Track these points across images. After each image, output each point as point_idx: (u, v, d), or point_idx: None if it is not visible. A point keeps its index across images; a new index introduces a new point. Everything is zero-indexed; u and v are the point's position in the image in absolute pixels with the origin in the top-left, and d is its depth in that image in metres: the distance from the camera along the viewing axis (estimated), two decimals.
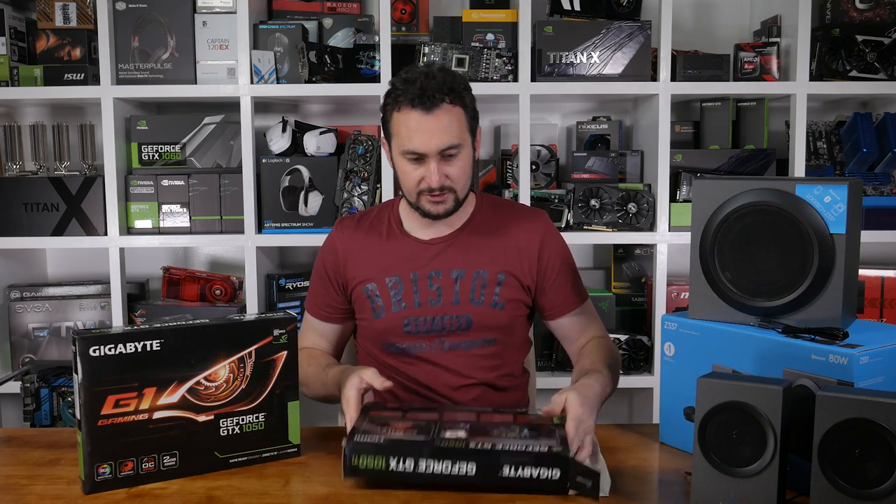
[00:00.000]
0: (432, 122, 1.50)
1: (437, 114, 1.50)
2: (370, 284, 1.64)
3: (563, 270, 1.68)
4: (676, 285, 2.55)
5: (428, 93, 1.49)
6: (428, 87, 1.50)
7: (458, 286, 1.62)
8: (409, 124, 1.51)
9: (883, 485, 1.00)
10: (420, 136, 1.51)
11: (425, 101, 1.49)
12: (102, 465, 1.22)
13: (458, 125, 1.53)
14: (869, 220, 2.43)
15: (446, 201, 1.56)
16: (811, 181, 1.26)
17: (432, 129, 1.51)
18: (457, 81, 1.54)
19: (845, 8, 2.49)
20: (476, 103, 1.59)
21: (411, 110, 1.51)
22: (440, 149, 1.51)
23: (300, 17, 2.58)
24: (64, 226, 2.48)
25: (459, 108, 1.53)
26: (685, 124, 2.65)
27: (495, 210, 1.71)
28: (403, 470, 1.20)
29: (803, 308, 1.28)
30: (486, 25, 2.50)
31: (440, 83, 1.50)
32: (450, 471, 1.19)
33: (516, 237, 1.66)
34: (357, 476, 1.22)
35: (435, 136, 1.51)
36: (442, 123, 1.51)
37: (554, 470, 1.19)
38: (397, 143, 1.55)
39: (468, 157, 1.57)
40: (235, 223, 2.49)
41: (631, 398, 2.80)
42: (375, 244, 1.67)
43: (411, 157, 1.53)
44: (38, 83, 2.43)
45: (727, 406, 1.10)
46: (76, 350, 1.19)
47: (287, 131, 2.49)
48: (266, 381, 1.32)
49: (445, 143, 1.51)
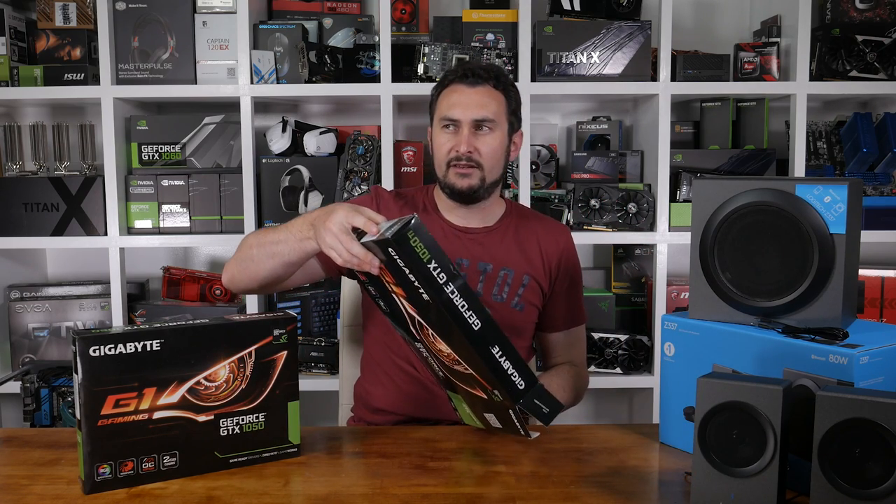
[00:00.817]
0: (472, 95, 1.60)
1: (479, 89, 1.60)
2: None
3: (571, 289, 1.72)
4: (676, 285, 2.55)
5: (476, 71, 1.61)
6: (477, 68, 1.62)
7: (483, 279, 1.64)
8: (452, 96, 1.61)
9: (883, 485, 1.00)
10: (459, 104, 1.60)
11: (470, 76, 1.61)
12: (102, 465, 1.22)
13: (497, 106, 1.61)
14: (869, 220, 2.43)
15: (472, 176, 1.60)
16: (811, 181, 1.26)
17: (471, 100, 1.60)
18: (504, 74, 1.65)
19: (845, 8, 2.49)
20: (521, 112, 1.68)
21: (457, 84, 1.61)
22: (474, 118, 1.59)
23: (300, 17, 2.58)
24: (64, 226, 2.48)
25: (501, 95, 1.62)
26: (685, 124, 2.65)
27: (523, 216, 1.75)
28: (436, 277, 1.19)
29: (803, 308, 1.28)
30: (486, 25, 2.50)
31: (488, 68, 1.62)
32: (465, 308, 1.21)
33: (540, 244, 1.70)
34: (399, 246, 1.17)
35: (472, 107, 1.59)
36: (481, 98, 1.60)
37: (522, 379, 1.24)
38: (438, 115, 1.63)
39: (501, 140, 1.62)
40: (235, 223, 2.49)
41: (631, 398, 2.80)
42: None
43: (446, 125, 1.61)
44: (38, 83, 2.43)
45: (727, 406, 1.10)
46: (76, 350, 1.19)
47: (287, 131, 2.49)
48: (266, 381, 1.32)
49: (480, 115, 1.59)
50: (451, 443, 1.41)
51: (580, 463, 1.32)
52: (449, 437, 1.43)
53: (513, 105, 1.65)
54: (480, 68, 1.62)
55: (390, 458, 1.34)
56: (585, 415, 2.84)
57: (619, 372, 2.51)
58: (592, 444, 1.41)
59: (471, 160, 1.59)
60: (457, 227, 1.67)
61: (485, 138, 1.60)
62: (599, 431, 1.49)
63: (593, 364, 2.50)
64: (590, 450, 1.38)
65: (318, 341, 2.51)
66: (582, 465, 1.31)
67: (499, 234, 1.68)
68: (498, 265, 1.65)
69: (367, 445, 1.44)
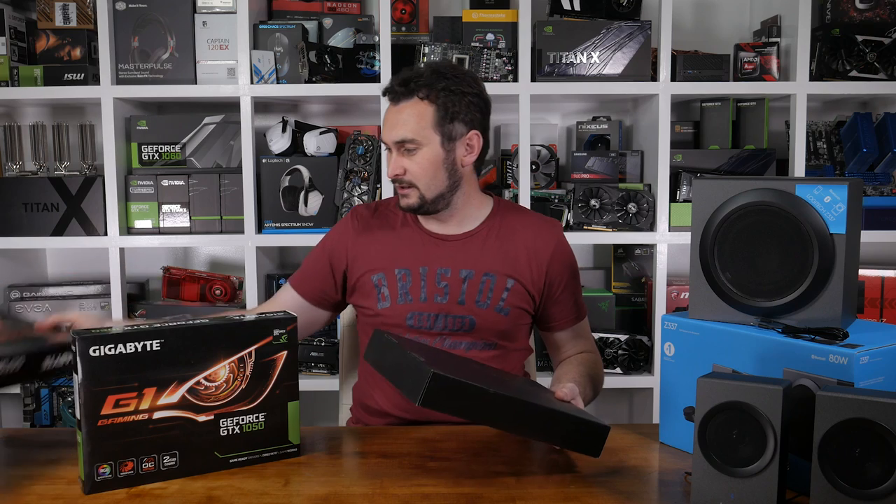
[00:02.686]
0: (394, 115, 1.57)
1: (401, 107, 1.57)
2: (378, 274, 1.64)
3: (569, 285, 1.69)
4: (676, 285, 2.55)
5: (398, 86, 1.56)
6: (408, 79, 1.55)
7: (466, 286, 1.62)
8: (385, 113, 1.61)
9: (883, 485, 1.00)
10: (385, 125, 1.59)
11: (393, 92, 1.57)
12: (102, 465, 1.22)
13: (417, 122, 1.55)
14: (869, 220, 2.43)
15: (409, 196, 1.60)
16: (811, 181, 1.26)
17: (393, 120, 1.57)
18: (442, 81, 1.55)
19: (845, 8, 2.49)
20: (474, 111, 1.59)
21: (386, 100, 1.61)
22: (395, 140, 1.57)
23: (300, 17, 2.58)
24: (64, 226, 2.48)
25: (428, 106, 1.55)
26: (685, 124, 2.65)
27: (511, 216, 1.70)
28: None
29: (803, 308, 1.28)
30: (486, 25, 2.50)
31: (415, 77, 1.55)
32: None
33: (528, 245, 1.66)
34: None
35: (394, 127, 1.57)
36: (402, 116, 1.56)
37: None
38: None
39: (431, 156, 1.57)
40: (235, 223, 2.49)
41: (631, 398, 2.80)
42: (389, 234, 1.68)
43: (385, 148, 1.62)
44: (38, 83, 2.43)
45: (727, 406, 1.10)
46: (76, 350, 1.19)
47: (287, 131, 2.49)
48: (266, 381, 1.32)
49: (399, 136, 1.56)
50: (451, 443, 1.41)
51: (580, 463, 1.32)
52: (449, 437, 1.43)
53: (447, 112, 1.56)
54: (404, 80, 1.55)
55: (390, 458, 1.34)
56: None
57: (619, 372, 2.51)
58: None
59: (402, 181, 1.58)
60: (436, 236, 1.66)
61: (412, 158, 1.57)
62: None
63: None
64: None
65: (318, 341, 2.51)
66: (582, 465, 1.31)
67: (480, 239, 1.65)
68: (480, 271, 1.62)
69: (367, 445, 1.44)
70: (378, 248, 1.67)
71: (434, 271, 1.62)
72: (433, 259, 1.63)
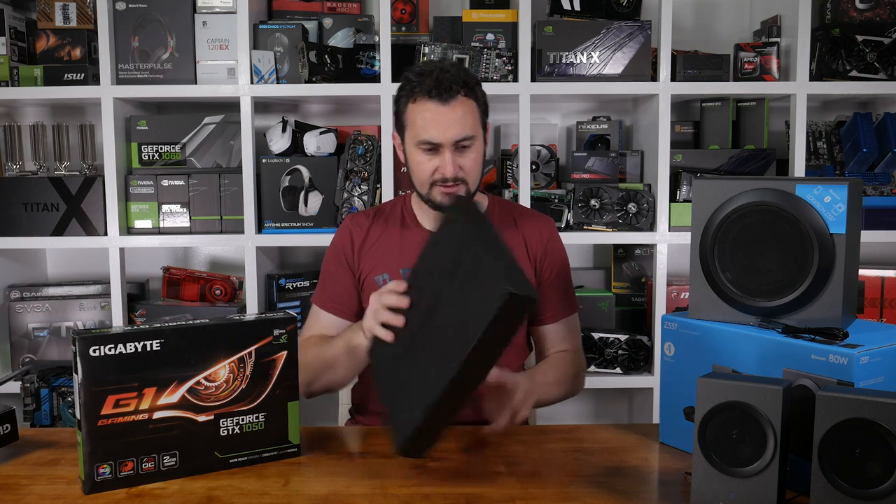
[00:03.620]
0: (448, 113, 1.53)
1: (453, 105, 1.53)
2: (383, 275, 1.65)
3: (558, 278, 1.69)
4: (676, 285, 2.55)
5: (444, 84, 1.52)
6: (444, 79, 1.53)
7: None
8: (426, 115, 1.54)
9: (883, 485, 1.00)
10: (436, 126, 1.53)
11: (442, 92, 1.52)
12: (102, 465, 1.22)
13: (473, 117, 1.56)
14: (869, 220, 2.43)
15: (458, 191, 1.58)
16: (811, 181, 1.26)
17: (448, 119, 1.53)
18: (469, 76, 1.57)
19: (845, 8, 2.49)
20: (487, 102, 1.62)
21: (428, 101, 1.53)
22: (456, 139, 1.54)
23: (300, 17, 2.58)
24: (64, 226, 2.48)
25: (473, 102, 1.56)
26: (685, 124, 2.65)
27: (505, 211, 1.73)
28: None
29: (803, 308, 1.28)
30: (486, 25, 2.50)
31: (455, 76, 1.54)
32: None
33: (522, 238, 1.68)
34: None
35: (451, 127, 1.53)
36: (457, 114, 1.54)
37: None
38: (412, 133, 1.57)
39: (480, 150, 1.60)
40: (235, 223, 2.49)
41: (631, 398, 2.80)
42: (391, 235, 1.69)
43: (426, 148, 1.56)
44: (38, 83, 2.43)
45: (727, 406, 1.10)
46: (76, 350, 1.19)
47: (287, 131, 2.49)
48: (266, 381, 1.32)
49: (461, 134, 1.54)
50: (451, 443, 1.41)
51: (580, 463, 1.32)
52: (449, 437, 1.43)
53: (482, 105, 1.60)
54: (449, 78, 1.54)
55: (390, 458, 1.34)
56: (585, 415, 2.84)
57: (619, 372, 2.51)
58: (592, 444, 1.41)
59: (457, 179, 1.57)
60: None
61: (468, 154, 1.57)
62: (599, 431, 1.49)
63: (593, 364, 2.50)
64: (590, 450, 1.38)
65: None
66: (582, 465, 1.31)
67: None
68: None
69: (367, 445, 1.44)
70: (382, 250, 1.67)
71: None
72: None
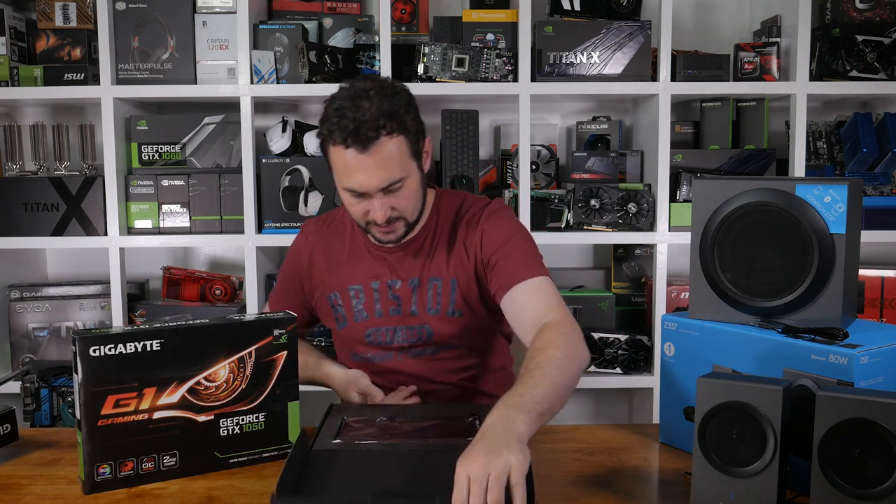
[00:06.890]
0: (369, 160, 1.40)
1: (374, 150, 1.39)
2: (333, 293, 1.64)
3: (506, 246, 1.54)
4: (676, 285, 2.55)
5: (362, 129, 1.37)
6: (362, 122, 1.38)
7: (416, 296, 1.59)
8: (347, 162, 1.41)
9: (883, 485, 1.00)
10: (359, 175, 1.42)
11: (359, 138, 1.38)
12: (102, 465, 1.22)
13: (400, 156, 1.43)
14: (869, 220, 2.43)
15: (396, 230, 1.51)
16: (811, 181, 1.26)
17: (370, 166, 1.40)
18: (393, 107, 1.41)
19: (845, 8, 2.49)
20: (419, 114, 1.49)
21: (345, 149, 1.40)
22: (381, 186, 1.43)
23: (300, 17, 2.58)
24: (64, 226, 2.48)
25: (399, 137, 1.42)
26: (685, 124, 2.65)
27: (450, 210, 1.62)
28: None
29: (803, 308, 1.28)
30: (486, 25, 2.50)
31: (374, 114, 1.38)
32: None
33: (463, 237, 1.59)
34: None
35: (374, 175, 1.41)
36: (380, 159, 1.40)
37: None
38: (337, 177, 1.47)
39: (415, 184, 1.49)
40: (235, 223, 2.49)
41: (631, 398, 2.80)
42: (339, 251, 1.65)
43: (354, 194, 1.46)
44: (38, 83, 2.43)
45: (727, 406, 1.10)
46: (76, 350, 1.19)
47: (287, 131, 2.49)
48: (266, 381, 1.32)
49: (386, 181, 1.42)
50: None
51: (580, 463, 1.32)
52: None
53: (412, 135, 1.45)
54: (368, 120, 1.38)
55: None
56: (585, 415, 2.84)
57: (619, 372, 2.51)
58: (592, 444, 1.41)
59: (391, 219, 1.47)
60: (382, 248, 1.60)
61: (400, 193, 1.45)
62: (599, 431, 1.49)
63: (593, 364, 2.50)
64: (590, 450, 1.38)
65: (318, 341, 2.51)
66: (582, 465, 1.31)
67: (419, 243, 1.60)
68: (426, 278, 1.58)
69: None
70: (330, 267, 1.64)
71: (385, 284, 1.60)
72: (382, 272, 1.60)
